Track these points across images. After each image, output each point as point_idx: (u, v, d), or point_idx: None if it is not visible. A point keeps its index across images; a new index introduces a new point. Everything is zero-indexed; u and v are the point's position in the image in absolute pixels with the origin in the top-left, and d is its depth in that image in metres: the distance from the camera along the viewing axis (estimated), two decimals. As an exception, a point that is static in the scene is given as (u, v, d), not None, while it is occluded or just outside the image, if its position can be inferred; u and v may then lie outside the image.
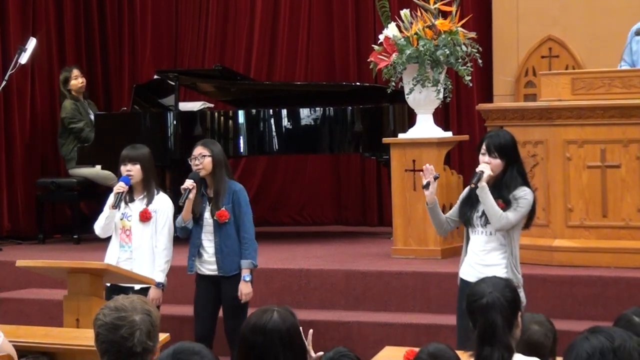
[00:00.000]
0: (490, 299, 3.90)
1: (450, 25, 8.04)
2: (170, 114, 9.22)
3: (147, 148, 6.76)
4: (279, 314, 3.61)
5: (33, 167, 10.38)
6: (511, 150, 5.70)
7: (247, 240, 6.57)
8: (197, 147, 6.62)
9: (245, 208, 6.59)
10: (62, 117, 10.03)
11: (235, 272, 6.55)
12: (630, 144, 7.24)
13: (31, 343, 5.34)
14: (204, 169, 6.55)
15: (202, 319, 6.66)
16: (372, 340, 6.98)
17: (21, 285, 8.41)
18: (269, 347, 3.54)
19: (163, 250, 6.60)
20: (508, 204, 5.61)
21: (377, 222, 10.58)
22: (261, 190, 10.86)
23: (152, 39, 11.34)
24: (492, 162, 5.65)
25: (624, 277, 6.99)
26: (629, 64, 7.83)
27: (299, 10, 10.92)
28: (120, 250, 6.62)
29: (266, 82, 10.71)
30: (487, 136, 5.77)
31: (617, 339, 3.03)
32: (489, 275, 4.35)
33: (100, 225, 6.65)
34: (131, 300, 3.62)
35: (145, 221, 6.57)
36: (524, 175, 5.77)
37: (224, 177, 6.59)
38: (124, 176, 6.56)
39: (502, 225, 5.60)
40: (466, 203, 5.77)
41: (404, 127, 8.88)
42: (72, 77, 10.09)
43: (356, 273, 7.65)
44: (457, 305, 5.85)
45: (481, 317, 3.89)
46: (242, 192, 6.63)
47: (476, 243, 5.73)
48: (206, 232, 6.58)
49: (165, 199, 6.69)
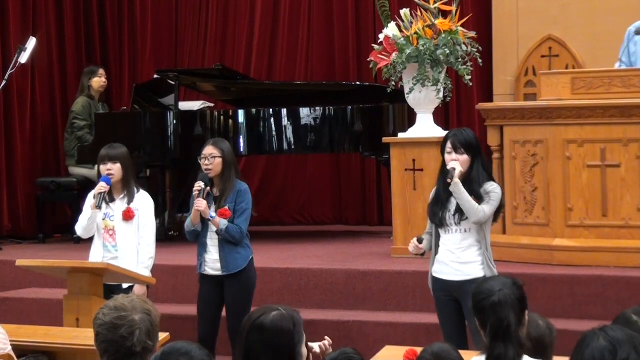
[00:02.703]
0: (502, 296, 3.88)
1: (450, 25, 8.04)
2: (171, 113, 9.22)
3: (125, 147, 6.72)
4: (275, 314, 3.58)
5: (33, 167, 10.38)
6: (475, 146, 5.81)
7: (237, 226, 6.54)
8: (207, 147, 6.58)
9: (245, 205, 6.57)
10: (72, 111, 10.07)
11: (238, 270, 6.54)
12: (630, 143, 7.24)
13: (31, 342, 5.34)
14: (213, 170, 6.53)
15: (205, 319, 6.64)
16: (372, 340, 6.98)
17: (21, 285, 8.41)
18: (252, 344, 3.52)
19: (146, 247, 6.58)
20: (480, 198, 5.70)
21: (377, 222, 10.58)
22: (261, 190, 10.86)
23: (152, 39, 11.34)
24: (460, 159, 5.74)
25: (624, 277, 6.98)
26: (625, 65, 7.83)
27: (299, 10, 10.92)
28: (104, 250, 6.59)
29: (266, 81, 10.71)
30: (450, 135, 5.87)
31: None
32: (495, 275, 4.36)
33: (82, 226, 6.62)
34: (131, 300, 3.62)
35: (129, 220, 6.55)
36: (489, 170, 5.90)
37: (233, 178, 6.57)
38: (104, 176, 6.55)
39: (479, 218, 5.67)
40: (436, 204, 5.83)
41: (404, 127, 8.88)
42: (98, 75, 10.14)
43: (356, 273, 7.65)
44: (437, 306, 5.90)
45: (493, 315, 3.86)
46: (247, 192, 6.61)
47: (451, 242, 5.78)
48: (211, 232, 6.56)
49: (146, 196, 6.67)
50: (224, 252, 6.53)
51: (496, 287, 3.93)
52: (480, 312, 3.94)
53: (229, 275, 6.54)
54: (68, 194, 10.04)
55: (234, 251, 6.54)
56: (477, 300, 3.96)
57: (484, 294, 3.94)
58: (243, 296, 6.58)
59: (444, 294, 5.80)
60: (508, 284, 3.96)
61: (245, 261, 6.58)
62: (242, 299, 6.57)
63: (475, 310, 3.97)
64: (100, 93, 10.25)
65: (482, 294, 3.94)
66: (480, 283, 4.09)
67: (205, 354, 3.27)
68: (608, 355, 3.03)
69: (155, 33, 11.37)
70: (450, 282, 5.74)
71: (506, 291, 3.91)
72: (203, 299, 6.67)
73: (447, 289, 5.77)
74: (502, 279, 4.07)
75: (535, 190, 7.50)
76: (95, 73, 10.18)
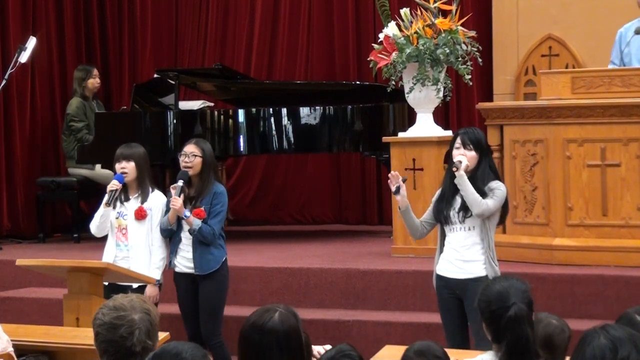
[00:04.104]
0: (518, 311, 3.77)
1: (450, 24, 8.04)
2: (171, 113, 9.22)
3: (142, 147, 6.77)
4: (280, 314, 3.57)
5: (33, 166, 10.38)
6: (484, 145, 5.87)
7: (209, 227, 6.53)
8: (189, 145, 6.64)
9: (220, 207, 6.58)
10: (67, 114, 10.07)
11: (210, 271, 6.57)
12: (630, 142, 7.24)
13: (31, 342, 5.33)
14: (192, 168, 6.56)
15: (189, 318, 6.71)
16: (372, 339, 6.98)
17: (21, 285, 8.41)
18: (265, 347, 3.51)
19: (159, 247, 6.61)
20: (484, 195, 5.73)
21: (377, 221, 10.58)
22: (261, 190, 10.86)
23: (152, 39, 11.34)
24: (468, 155, 5.78)
25: (624, 276, 6.98)
26: (617, 66, 7.83)
27: (299, 10, 10.92)
28: (117, 249, 6.61)
29: (266, 81, 10.70)
30: (460, 132, 5.92)
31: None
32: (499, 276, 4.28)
33: (95, 224, 6.65)
34: (130, 300, 3.61)
35: (141, 219, 6.57)
36: (496, 170, 5.94)
37: (211, 179, 6.61)
38: (118, 174, 6.57)
39: (482, 210, 5.69)
40: (441, 201, 5.86)
41: (404, 126, 8.87)
42: (92, 76, 10.15)
43: (356, 272, 7.65)
44: (440, 304, 5.90)
45: (510, 332, 3.76)
46: (223, 194, 6.63)
47: (455, 240, 5.80)
48: (185, 230, 6.60)
49: (160, 196, 6.70)
50: (197, 252, 6.57)
51: (510, 298, 3.80)
52: (492, 322, 3.82)
53: (202, 275, 6.58)
54: (68, 194, 10.04)
55: (207, 252, 6.58)
56: (489, 309, 3.83)
57: (495, 304, 3.81)
58: (217, 297, 6.63)
59: (447, 291, 5.81)
60: (519, 293, 3.83)
61: (218, 262, 6.61)
62: (216, 299, 6.62)
63: (485, 316, 3.85)
64: (93, 93, 10.24)
65: (493, 304, 3.81)
66: (488, 287, 3.93)
67: (201, 355, 3.25)
68: (609, 353, 3.03)
69: (155, 33, 11.36)
70: (454, 280, 5.75)
71: (521, 305, 3.79)
72: (182, 299, 6.73)
73: (450, 286, 5.78)
74: (512, 282, 3.90)
75: (535, 189, 7.49)
76: (90, 73, 10.16)
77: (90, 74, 10.15)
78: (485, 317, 3.86)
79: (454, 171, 5.73)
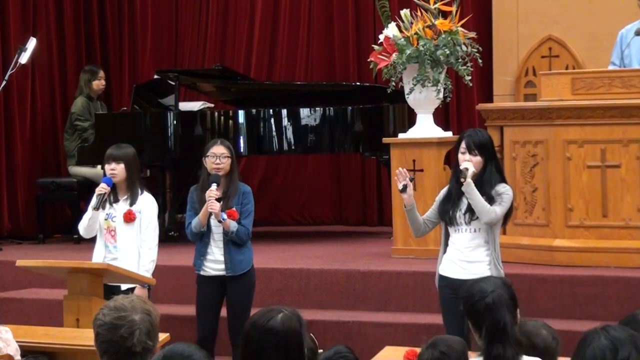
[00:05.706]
0: (496, 297, 3.87)
1: (451, 25, 8.04)
2: (171, 113, 9.22)
3: (132, 148, 6.69)
4: (283, 316, 3.55)
5: (33, 167, 10.38)
6: (489, 148, 5.83)
7: (245, 228, 6.52)
8: (217, 146, 6.53)
9: (250, 206, 6.57)
10: (72, 112, 10.07)
11: (242, 272, 6.53)
12: (631, 143, 7.24)
13: (31, 343, 5.33)
14: (223, 169, 6.51)
15: (205, 321, 6.61)
16: (372, 340, 6.98)
17: (21, 285, 8.41)
18: (263, 346, 3.51)
19: (148, 249, 6.54)
20: (492, 199, 5.72)
21: (377, 222, 10.58)
22: (261, 190, 10.85)
23: (152, 39, 11.34)
24: (473, 160, 5.76)
25: (624, 277, 6.98)
26: (617, 67, 7.83)
27: (299, 10, 10.92)
28: (105, 250, 6.58)
29: (266, 82, 10.70)
30: (465, 135, 5.88)
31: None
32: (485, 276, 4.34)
33: (83, 226, 6.62)
34: (131, 300, 3.62)
35: (129, 222, 6.51)
36: (502, 172, 5.92)
37: (237, 178, 6.58)
38: (106, 177, 6.53)
39: (490, 219, 5.69)
40: (447, 201, 5.85)
41: (404, 127, 8.88)
42: (98, 78, 10.17)
43: (356, 273, 7.65)
44: (442, 304, 5.91)
45: (489, 317, 3.84)
46: (251, 193, 6.61)
47: (460, 241, 5.80)
48: (214, 233, 6.54)
49: (150, 198, 6.63)
50: (230, 253, 6.50)
51: (488, 288, 3.91)
52: (474, 315, 3.91)
53: (233, 276, 6.53)
54: (68, 194, 10.04)
55: (239, 252, 6.53)
56: (469, 303, 3.93)
57: (475, 296, 3.91)
58: (246, 297, 6.58)
59: (449, 291, 5.80)
60: (499, 284, 3.95)
61: (249, 262, 6.59)
62: (246, 300, 6.57)
63: (468, 312, 3.94)
64: (97, 94, 10.26)
65: (474, 296, 3.92)
66: (470, 285, 4.03)
67: (204, 355, 3.26)
68: (609, 354, 3.03)
69: (155, 33, 11.36)
70: (457, 280, 5.74)
71: (499, 291, 3.89)
72: (203, 300, 6.64)
73: (453, 287, 5.77)
74: (491, 279, 4.06)
75: (535, 190, 7.49)
76: (96, 75, 10.19)
77: (96, 76, 10.18)
78: (467, 312, 3.92)
79: (462, 181, 5.70)
